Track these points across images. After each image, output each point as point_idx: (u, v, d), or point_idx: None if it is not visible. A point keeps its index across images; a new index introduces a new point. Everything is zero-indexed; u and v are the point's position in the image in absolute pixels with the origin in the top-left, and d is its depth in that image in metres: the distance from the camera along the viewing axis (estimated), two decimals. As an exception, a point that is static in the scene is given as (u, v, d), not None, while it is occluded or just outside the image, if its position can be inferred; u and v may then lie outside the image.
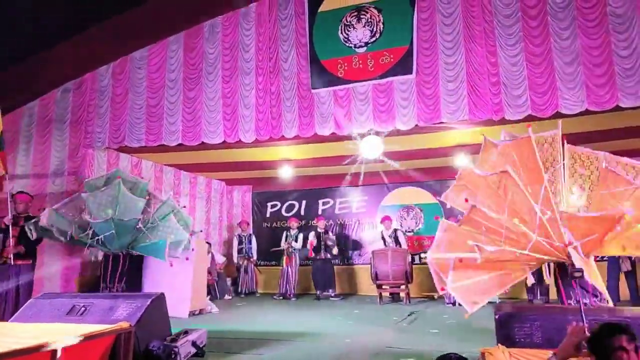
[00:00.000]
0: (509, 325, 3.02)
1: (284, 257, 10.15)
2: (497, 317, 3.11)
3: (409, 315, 7.54)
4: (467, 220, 4.00)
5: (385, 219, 10.02)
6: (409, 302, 9.02)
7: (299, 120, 6.87)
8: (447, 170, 10.06)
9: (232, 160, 9.46)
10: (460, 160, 8.35)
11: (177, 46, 7.54)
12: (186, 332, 4.18)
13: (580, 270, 2.94)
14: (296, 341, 5.49)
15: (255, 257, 10.87)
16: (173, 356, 3.67)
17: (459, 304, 8.00)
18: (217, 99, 7.20)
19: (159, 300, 4.09)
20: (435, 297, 9.60)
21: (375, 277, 9.11)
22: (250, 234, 11.07)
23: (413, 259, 10.67)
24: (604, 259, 8.82)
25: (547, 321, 2.95)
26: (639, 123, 7.12)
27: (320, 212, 11.51)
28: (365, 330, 6.21)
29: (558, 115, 5.98)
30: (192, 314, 7.46)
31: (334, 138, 7.26)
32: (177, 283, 7.09)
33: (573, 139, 4.34)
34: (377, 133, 6.92)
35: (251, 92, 7.08)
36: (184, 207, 7.89)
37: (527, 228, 3.70)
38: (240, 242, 10.86)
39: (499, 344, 2.89)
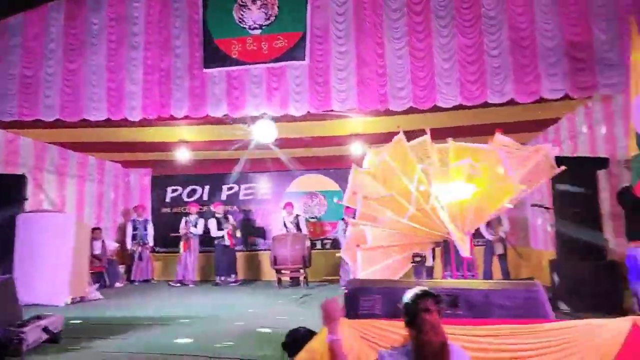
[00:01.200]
0: (356, 299, 3.18)
1: (182, 243, 9.87)
2: (346, 292, 3.26)
3: (301, 297, 7.72)
4: (361, 214, 4.94)
5: (287, 205, 10.12)
6: (307, 285, 9.23)
7: (189, 100, 6.67)
8: (347, 159, 10.38)
9: (126, 140, 8.96)
10: (356, 149, 8.62)
11: (58, 14, 6.94)
12: (38, 318, 3.91)
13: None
14: (170, 325, 5.39)
15: (151, 243, 10.45)
16: (17, 342, 3.41)
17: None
18: (101, 73, 6.75)
19: (5, 285, 3.78)
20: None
21: (274, 262, 9.20)
22: (146, 219, 10.61)
23: (314, 245, 10.96)
24: (479, 243, 9.67)
25: (387, 295, 3.14)
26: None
27: (224, 197, 11.33)
28: (248, 313, 6.27)
29: (436, 109, 6.38)
30: (73, 301, 7.02)
31: (234, 121, 7.15)
32: (52, 268, 6.62)
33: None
34: (272, 117, 6.91)
35: (139, 67, 6.73)
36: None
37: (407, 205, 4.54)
38: (135, 228, 10.38)
39: (344, 318, 3.03)
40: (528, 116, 7.72)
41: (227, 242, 9.66)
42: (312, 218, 11.09)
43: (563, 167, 4.78)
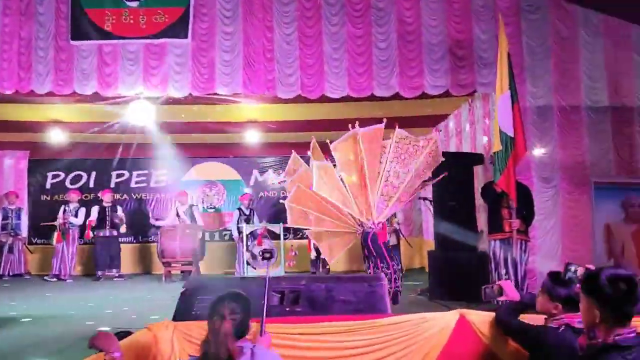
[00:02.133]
0: (192, 299, 2.89)
1: (55, 234, 8.95)
2: (183, 290, 2.96)
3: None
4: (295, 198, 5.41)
5: (181, 195, 9.56)
6: (199, 279, 8.82)
7: (54, 75, 5.95)
8: (246, 147, 10.06)
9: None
10: (252, 137, 8.32)
11: None
12: None
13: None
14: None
15: (24, 234, 9.38)
16: None
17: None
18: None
19: None
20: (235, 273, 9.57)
21: (162, 255, 8.65)
22: (19, 208, 9.50)
23: (213, 236, 10.53)
24: (376, 234, 9.86)
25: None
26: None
27: (113, 185, 10.46)
28: (105, 312, 5.71)
29: (324, 99, 6.26)
30: None
31: (109, 100, 6.50)
32: None
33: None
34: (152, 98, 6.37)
35: (-8, 34, 5.86)
36: None
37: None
38: (5, 217, 9.24)
39: (169, 319, 2.74)
40: (421, 111, 7.92)
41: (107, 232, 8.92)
42: (211, 208, 10.63)
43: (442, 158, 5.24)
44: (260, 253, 2.72)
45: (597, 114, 6.13)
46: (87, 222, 9.07)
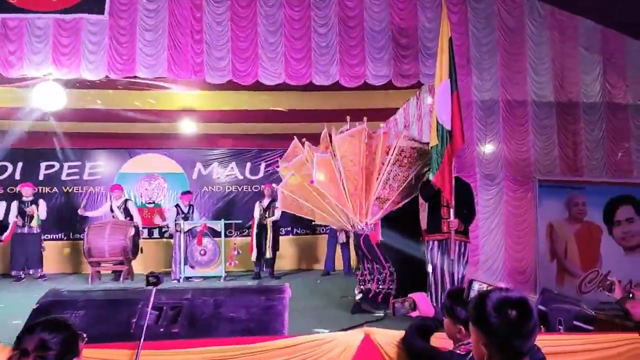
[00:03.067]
0: (47, 315, 2.36)
1: (-32, 231, 8.09)
2: (36, 307, 2.43)
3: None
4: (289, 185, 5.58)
5: (115, 188, 8.83)
6: (132, 280, 8.16)
7: (-55, 51, 5.18)
8: (188, 138, 9.44)
9: None
10: (189, 127, 7.73)
11: None
12: None
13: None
14: None
15: None
16: None
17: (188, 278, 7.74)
18: None
19: None
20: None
21: (88, 254, 7.95)
22: None
23: (152, 233, 9.87)
24: (324, 230, 9.49)
25: (99, 309, 2.38)
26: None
27: (42, 177, 9.62)
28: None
29: (259, 85, 5.77)
30: None
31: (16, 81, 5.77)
32: None
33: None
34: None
35: None
36: None
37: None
38: None
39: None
40: (370, 104, 7.56)
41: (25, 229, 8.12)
42: (150, 203, 9.95)
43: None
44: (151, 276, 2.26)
45: (542, 109, 5.92)
46: (9, 220, 8.23)
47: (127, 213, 8.67)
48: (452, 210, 4.67)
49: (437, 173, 4.51)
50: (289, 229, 9.86)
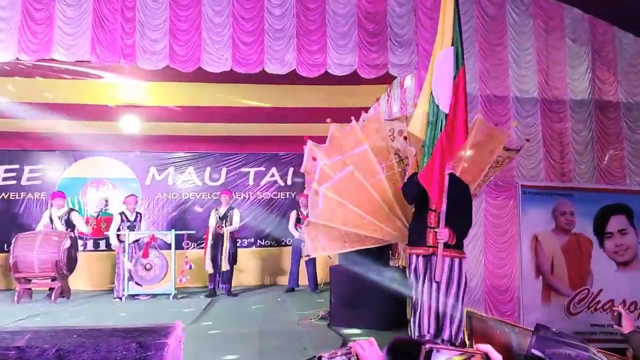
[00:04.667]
0: None
1: None
2: None
3: (26, 318, 5.69)
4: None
5: (56, 196, 7.85)
6: (68, 298, 7.17)
7: None
8: (140, 140, 8.57)
9: None
10: (131, 126, 6.85)
11: None
12: None
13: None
14: None
15: None
16: None
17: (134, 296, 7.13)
18: None
19: None
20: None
21: (15, 269, 6.94)
22: None
23: (98, 245, 8.88)
24: (288, 243, 8.67)
25: None
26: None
27: (-27, 181, 8.56)
28: None
29: (201, 73, 4.98)
30: None
31: None
32: None
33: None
34: None
35: None
36: None
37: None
38: None
39: None
40: (337, 102, 6.87)
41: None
42: (96, 212, 8.96)
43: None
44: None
45: (525, 105, 5.27)
46: None
47: (69, 224, 7.69)
48: (441, 217, 3.58)
49: (425, 168, 3.45)
50: (252, 240, 9.03)
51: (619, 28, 5.46)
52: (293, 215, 8.02)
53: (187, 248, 8.24)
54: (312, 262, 8.01)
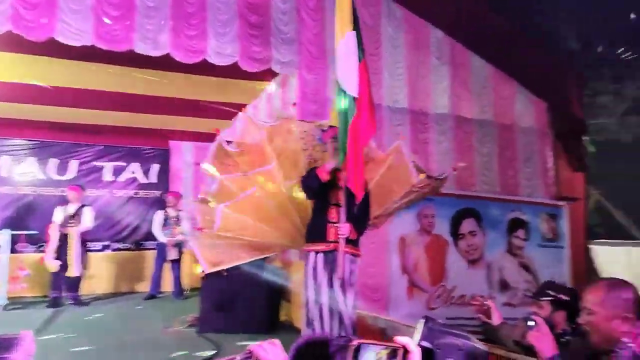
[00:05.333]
0: None
1: None
2: None
3: None
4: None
5: None
6: None
7: None
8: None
9: None
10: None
11: None
12: None
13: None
14: None
15: None
16: None
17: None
18: None
19: None
20: None
21: None
22: None
23: None
24: (151, 246, 7.94)
25: None
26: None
27: None
28: None
29: (55, 47, 4.24)
30: None
31: None
32: None
33: None
34: None
35: None
36: None
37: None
38: None
39: None
40: (213, 96, 6.47)
41: None
42: None
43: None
44: None
45: (396, 114, 5.59)
46: None
47: None
48: (342, 211, 3.42)
49: (347, 159, 3.24)
50: (106, 243, 8.05)
51: (473, 52, 6.14)
52: (159, 216, 7.36)
53: (23, 251, 7.05)
54: (177, 266, 7.45)
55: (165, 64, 4.73)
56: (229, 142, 3.99)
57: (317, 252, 3.53)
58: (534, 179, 6.50)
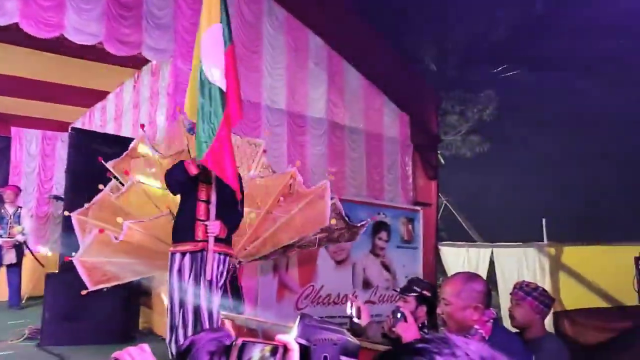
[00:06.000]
0: None
1: None
2: None
3: None
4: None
5: None
6: None
7: None
8: None
9: None
10: None
11: None
12: None
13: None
14: None
15: None
16: None
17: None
18: None
19: None
20: None
21: None
22: None
23: None
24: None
25: None
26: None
27: None
28: None
29: None
30: None
31: None
32: None
33: None
34: None
35: None
36: None
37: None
38: None
39: None
40: (70, 79, 5.74)
41: None
42: None
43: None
44: None
45: (275, 115, 5.59)
46: None
47: None
48: (212, 209, 3.21)
49: (209, 152, 3.05)
50: None
51: (347, 62, 6.45)
52: None
53: None
54: (17, 271, 6.43)
55: (12, 35, 4.04)
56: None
57: (183, 253, 3.29)
58: (395, 185, 7.05)
